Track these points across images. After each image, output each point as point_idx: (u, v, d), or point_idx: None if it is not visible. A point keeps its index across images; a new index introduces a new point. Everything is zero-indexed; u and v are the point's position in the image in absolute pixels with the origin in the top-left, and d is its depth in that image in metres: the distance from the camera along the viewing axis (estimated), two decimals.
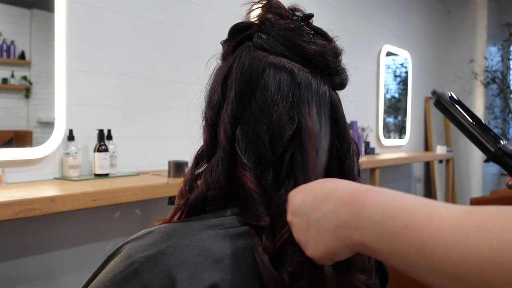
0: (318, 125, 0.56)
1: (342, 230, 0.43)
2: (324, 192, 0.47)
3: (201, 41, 2.32)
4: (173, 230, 0.53)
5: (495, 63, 5.06)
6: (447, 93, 0.72)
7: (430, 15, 4.88)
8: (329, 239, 0.45)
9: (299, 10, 0.61)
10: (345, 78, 0.62)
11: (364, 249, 0.42)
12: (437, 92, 0.73)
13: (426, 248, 0.36)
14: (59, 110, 1.78)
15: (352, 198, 0.44)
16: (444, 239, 0.36)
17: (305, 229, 0.47)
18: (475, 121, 0.70)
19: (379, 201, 0.42)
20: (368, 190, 0.44)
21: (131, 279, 0.50)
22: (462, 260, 0.34)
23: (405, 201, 0.41)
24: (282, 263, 0.51)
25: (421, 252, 0.37)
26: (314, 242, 0.46)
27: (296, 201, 0.49)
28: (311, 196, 0.47)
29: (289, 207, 0.50)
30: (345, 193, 0.45)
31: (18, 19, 1.73)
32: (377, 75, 4.00)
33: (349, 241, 0.43)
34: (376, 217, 0.41)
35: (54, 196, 1.41)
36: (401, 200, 0.41)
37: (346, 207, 0.43)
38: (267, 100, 0.56)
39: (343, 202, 0.44)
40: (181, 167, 1.91)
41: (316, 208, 0.46)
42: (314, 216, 0.46)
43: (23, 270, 1.71)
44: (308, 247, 0.47)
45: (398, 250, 0.38)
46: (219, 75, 0.60)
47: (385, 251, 0.40)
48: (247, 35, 0.60)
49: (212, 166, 0.57)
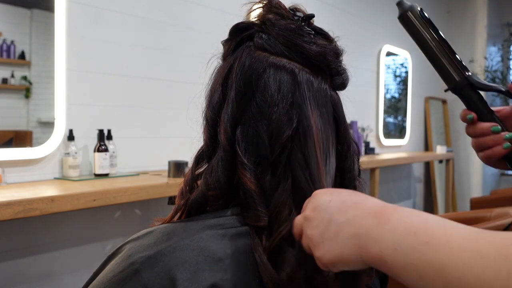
0: (320, 123, 0.56)
1: (361, 238, 0.43)
2: (354, 200, 0.46)
3: (201, 41, 2.32)
4: (173, 230, 0.53)
5: (495, 63, 5.06)
6: (417, 6, 0.65)
7: (430, 15, 4.86)
8: (345, 245, 0.44)
9: (300, 10, 0.61)
10: (345, 79, 0.62)
11: (379, 263, 0.41)
12: (404, 4, 0.66)
13: (444, 267, 0.36)
14: (59, 110, 1.78)
15: (379, 211, 0.43)
16: (463, 261, 0.35)
17: (323, 229, 0.46)
18: (444, 45, 0.65)
19: (405, 216, 0.41)
20: (396, 207, 0.44)
21: (131, 279, 0.50)
22: (479, 284, 0.34)
23: (430, 219, 0.40)
24: (281, 264, 0.51)
25: (439, 271, 0.36)
26: (329, 245, 0.45)
27: (322, 199, 0.48)
28: (340, 199, 0.47)
29: (312, 202, 0.49)
30: (373, 206, 0.44)
31: (18, 19, 1.73)
32: (377, 75, 4.00)
33: (366, 251, 0.42)
34: (399, 231, 0.40)
35: (54, 196, 1.41)
36: (426, 218, 0.41)
37: (372, 217, 0.43)
38: (267, 100, 0.56)
39: (370, 212, 0.44)
40: (181, 167, 1.91)
41: (341, 211, 0.45)
42: (337, 219, 0.45)
43: (23, 270, 1.71)
44: (320, 248, 0.46)
45: (416, 267, 0.38)
46: (220, 75, 0.60)
47: (401, 266, 0.39)
48: (248, 35, 0.60)
49: (212, 166, 0.57)
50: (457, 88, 0.63)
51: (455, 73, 0.63)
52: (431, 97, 4.87)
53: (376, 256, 0.41)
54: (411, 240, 0.39)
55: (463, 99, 0.64)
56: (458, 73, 0.63)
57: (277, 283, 0.50)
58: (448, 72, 0.63)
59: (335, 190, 0.50)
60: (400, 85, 4.48)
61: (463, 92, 0.63)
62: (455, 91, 0.64)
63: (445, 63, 0.63)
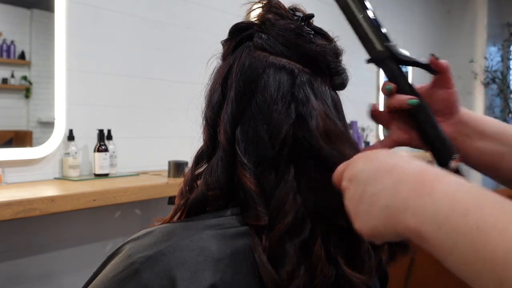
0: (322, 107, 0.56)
1: (396, 210, 0.38)
2: (388, 165, 0.42)
3: (201, 41, 2.32)
4: (173, 230, 0.53)
5: (495, 63, 5.06)
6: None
7: (430, 15, 4.88)
8: (378, 218, 0.40)
9: (299, 10, 0.61)
10: (345, 79, 0.62)
11: (417, 238, 0.37)
12: None
13: (495, 260, 0.31)
14: (59, 110, 1.78)
15: (419, 176, 0.38)
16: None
17: (357, 201, 0.43)
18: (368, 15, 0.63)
19: (452, 189, 0.36)
20: (439, 174, 0.38)
21: (131, 279, 0.50)
22: None
23: (482, 197, 0.35)
24: (281, 263, 0.51)
25: (490, 263, 0.31)
26: (363, 218, 0.42)
27: (356, 168, 0.45)
28: (373, 167, 0.43)
29: (348, 171, 0.46)
30: (411, 170, 0.40)
31: (18, 19, 1.73)
32: (377, 75, 4.00)
33: (401, 224, 0.38)
34: (444, 207, 0.35)
35: (54, 196, 1.41)
36: (478, 197, 0.35)
37: (408, 184, 0.38)
38: (266, 100, 0.56)
39: (406, 178, 0.39)
40: (181, 167, 1.91)
41: (374, 180, 0.42)
42: (370, 190, 0.42)
43: (23, 270, 1.71)
44: (356, 220, 0.43)
45: (461, 254, 0.33)
46: (219, 75, 0.60)
47: (445, 247, 0.34)
48: (248, 35, 0.60)
49: (212, 166, 0.57)
50: (379, 58, 0.62)
51: (377, 43, 0.62)
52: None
53: (414, 230, 0.37)
54: (459, 221, 0.33)
55: (384, 70, 0.63)
56: (380, 43, 0.62)
57: (277, 283, 0.50)
58: (371, 41, 0.62)
59: (372, 154, 0.45)
60: None
61: (384, 62, 0.62)
62: (376, 61, 0.62)
63: (368, 33, 0.62)
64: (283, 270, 0.51)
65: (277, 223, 0.52)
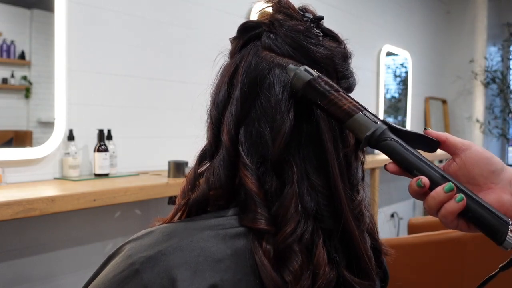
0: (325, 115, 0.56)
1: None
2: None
3: (201, 41, 2.32)
4: (174, 230, 0.53)
5: (495, 63, 5.06)
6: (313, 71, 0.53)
7: (430, 15, 4.88)
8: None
9: (309, 11, 0.60)
10: (352, 82, 0.61)
11: None
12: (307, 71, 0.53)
13: None
14: (59, 110, 1.78)
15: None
16: None
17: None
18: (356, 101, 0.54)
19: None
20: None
21: (131, 279, 0.49)
22: None
23: None
24: (282, 265, 0.51)
25: None
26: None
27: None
28: None
29: None
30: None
31: (18, 19, 1.73)
32: (377, 75, 4.00)
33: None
34: None
35: (54, 196, 1.41)
36: None
37: None
38: (271, 101, 0.55)
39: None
40: (181, 167, 1.91)
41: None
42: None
43: (23, 270, 1.71)
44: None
45: None
46: (226, 73, 0.60)
47: None
48: (256, 34, 0.59)
49: (214, 165, 0.57)
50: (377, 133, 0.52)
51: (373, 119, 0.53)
52: (431, 97, 4.87)
53: None
54: None
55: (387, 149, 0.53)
56: (375, 119, 0.53)
57: (278, 285, 0.50)
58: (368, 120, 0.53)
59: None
60: (400, 85, 4.48)
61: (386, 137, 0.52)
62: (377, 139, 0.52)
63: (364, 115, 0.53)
64: (286, 274, 0.50)
65: (281, 228, 0.51)
